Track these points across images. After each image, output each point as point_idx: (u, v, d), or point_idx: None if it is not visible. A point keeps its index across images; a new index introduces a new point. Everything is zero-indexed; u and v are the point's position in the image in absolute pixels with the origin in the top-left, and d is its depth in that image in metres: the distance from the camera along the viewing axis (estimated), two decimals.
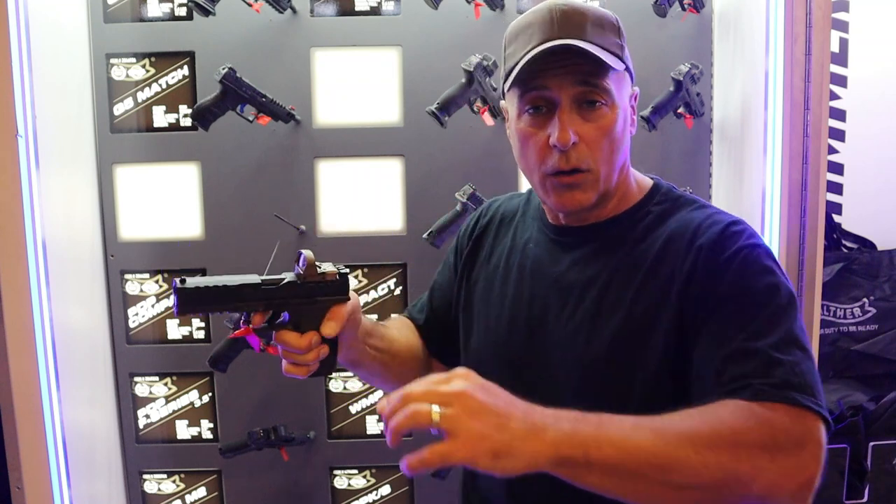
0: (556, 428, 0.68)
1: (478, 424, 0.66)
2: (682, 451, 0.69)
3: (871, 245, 2.18)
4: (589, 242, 0.97)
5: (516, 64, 0.90)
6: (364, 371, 1.07)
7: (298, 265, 0.88)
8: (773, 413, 0.74)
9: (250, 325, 0.88)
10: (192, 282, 0.81)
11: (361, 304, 1.10)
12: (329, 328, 0.89)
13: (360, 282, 1.92)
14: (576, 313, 0.94)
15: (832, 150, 2.22)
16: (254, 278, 0.86)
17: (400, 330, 1.14)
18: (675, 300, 0.87)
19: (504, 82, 0.94)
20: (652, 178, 1.02)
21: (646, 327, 0.88)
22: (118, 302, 1.90)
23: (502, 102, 0.98)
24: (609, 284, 0.93)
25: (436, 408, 0.67)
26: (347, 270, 0.91)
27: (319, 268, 0.87)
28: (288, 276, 0.88)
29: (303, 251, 0.88)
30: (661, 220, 0.95)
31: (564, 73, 0.88)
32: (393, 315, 1.23)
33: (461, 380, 0.70)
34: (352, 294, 0.92)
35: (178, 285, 0.80)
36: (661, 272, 0.89)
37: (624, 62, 0.92)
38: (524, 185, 1.90)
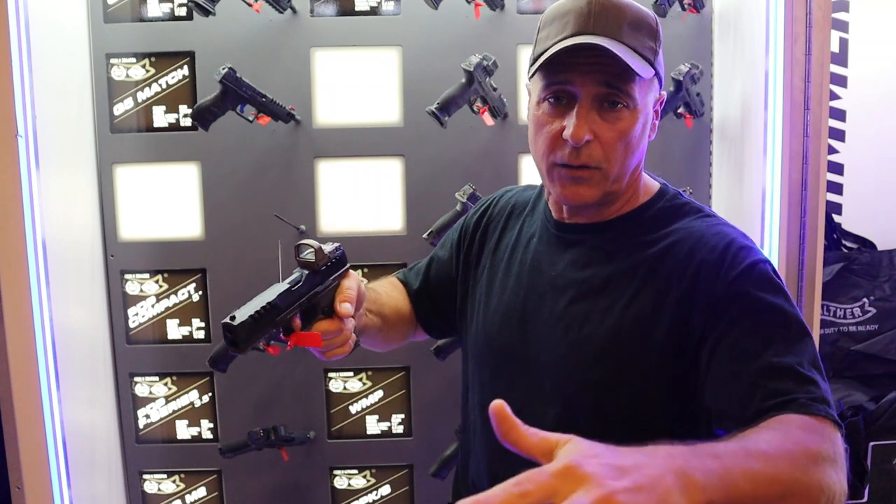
0: (701, 470, 0.57)
1: None
2: (796, 473, 0.66)
3: (871, 245, 2.18)
4: (588, 242, 0.97)
5: (545, 50, 0.88)
6: (363, 337, 1.09)
7: (302, 256, 0.90)
8: (823, 426, 0.74)
9: (296, 331, 0.88)
10: (239, 315, 0.79)
11: None
12: (345, 309, 0.90)
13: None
14: (567, 314, 0.94)
15: (832, 150, 2.22)
16: (282, 286, 0.86)
17: (389, 294, 1.16)
18: (672, 311, 0.86)
19: (531, 65, 0.93)
20: (659, 182, 1.02)
21: (636, 336, 0.88)
22: (118, 302, 1.90)
23: (525, 84, 0.97)
24: (603, 289, 0.92)
25: None
26: (339, 244, 0.93)
27: (323, 251, 0.90)
28: (301, 272, 0.89)
29: (304, 242, 0.90)
30: (662, 227, 0.94)
31: (590, 71, 0.86)
32: (382, 279, 1.24)
33: (594, 487, 0.50)
34: (350, 273, 0.95)
35: (232, 324, 0.78)
36: (658, 280, 0.89)
37: (655, 68, 0.90)
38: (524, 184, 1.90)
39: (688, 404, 0.86)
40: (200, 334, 1.93)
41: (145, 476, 1.97)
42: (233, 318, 0.79)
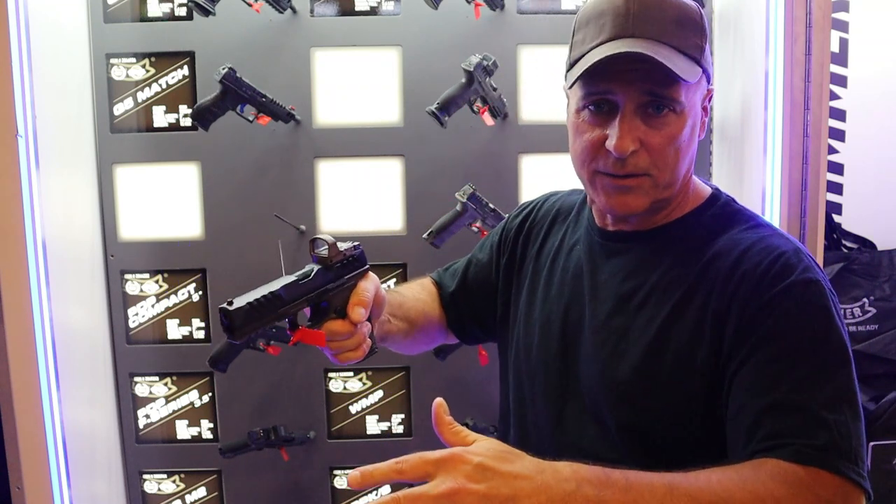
0: (580, 496, 0.62)
1: None
2: None
3: (871, 245, 2.18)
4: (632, 251, 0.92)
5: (582, 56, 0.83)
6: (387, 343, 1.05)
7: (317, 250, 0.87)
8: (815, 480, 0.69)
9: (301, 326, 0.84)
10: (238, 301, 0.77)
11: None
12: (357, 314, 0.85)
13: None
14: (605, 328, 0.90)
15: (832, 150, 2.22)
16: (289, 278, 0.83)
17: (416, 296, 1.11)
18: (709, 328, 0.81)
19: (567, 70, 0.88)
20: (711, 188, 0.95)
21: (673, 355, 0.83)
22: (118, 302, 1.90)
23: (563, 85, 0.92)
24: (644, 303, 0.87)
25: None
26: (359, 243, 0.90)
27: (337, 247, 0.87)
28: (313, 266, 0.86)
29: (320, 237, 0.87)
30: (710, 237, 0.87)
31: (632, 80, 0.80)
32: (412, 281, 1.20)
33: (450, 479, 0.62)
34: (370, 274, 0.91)
35: (228, 308, 0.75)
36: (699, 295, 0.83)
37: (702, 65, 0.84)
38: (525, 185, 1.90)
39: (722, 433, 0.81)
40: (200, 334, 1.93)
41: (145, 476, 1.97)
42: (230, 302, 0.76)
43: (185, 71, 1.83)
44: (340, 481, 1.99)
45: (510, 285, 1.08)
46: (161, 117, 1.85)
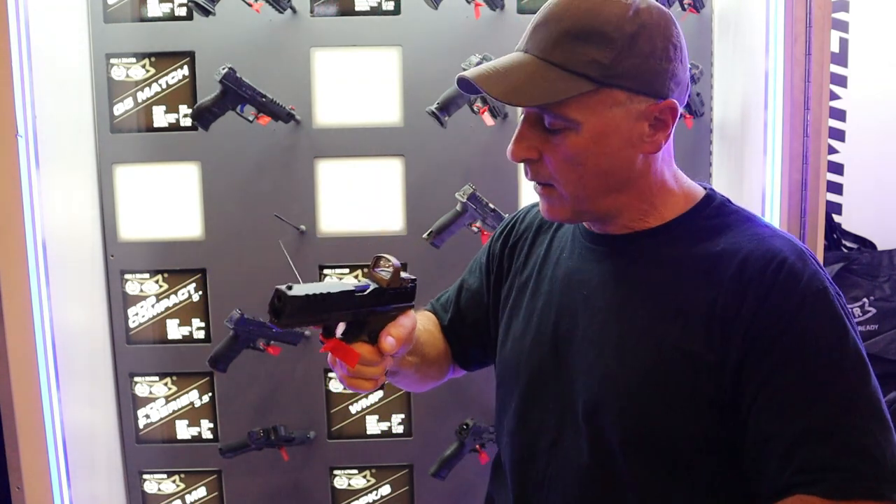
0: None
1: None
2: None
3: (871, 245, 2.18)
4: (625, 254, 0.88)
5: None
6: (397, 378, 1.01)
7: (378, 270, 0.84)
8: None
9: (336, 338, 0.80)
10: (297, 289, 0.73)
11: None
12: (388, 343, 0.81)
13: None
14: (601, 337, 0.86)
15: (832, 150, 2.22)
16: (345, 286, 0.80)
17: (427, 330, 1.08)
18: (718, 328, 0.78)
19: None
20: (705, 188, 0.91)
21: (679, 361, 0.80)
22: (118, 302, 1.90)
23: None
24: (641, 310, 0.84)
25: None
26: (415, 278, 0.87)
27: (399, 273, 0.83)
28: (370, 284, 0.83)
29: (385, 256, 0.85)
30: (708, 239, 0.84)
31: None
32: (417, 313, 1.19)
33: None
34: (411, 312, 0.87)
35: (286, 292, 0.72)
36: (705, 296, 0.79)
37: (601, 82, 0.77)
38: (526, 185, 1.90)
39: (732, 434, 0.79)
40: (200, 334, 1.93)
41: (145, 476, 1.97)
42: (290, 287, 0.73)
43: (185, 71, 1.83)
44: (340, 481, 1.99)
45: (499, 304, 1.05)
46: (161, 117, 1.85)
